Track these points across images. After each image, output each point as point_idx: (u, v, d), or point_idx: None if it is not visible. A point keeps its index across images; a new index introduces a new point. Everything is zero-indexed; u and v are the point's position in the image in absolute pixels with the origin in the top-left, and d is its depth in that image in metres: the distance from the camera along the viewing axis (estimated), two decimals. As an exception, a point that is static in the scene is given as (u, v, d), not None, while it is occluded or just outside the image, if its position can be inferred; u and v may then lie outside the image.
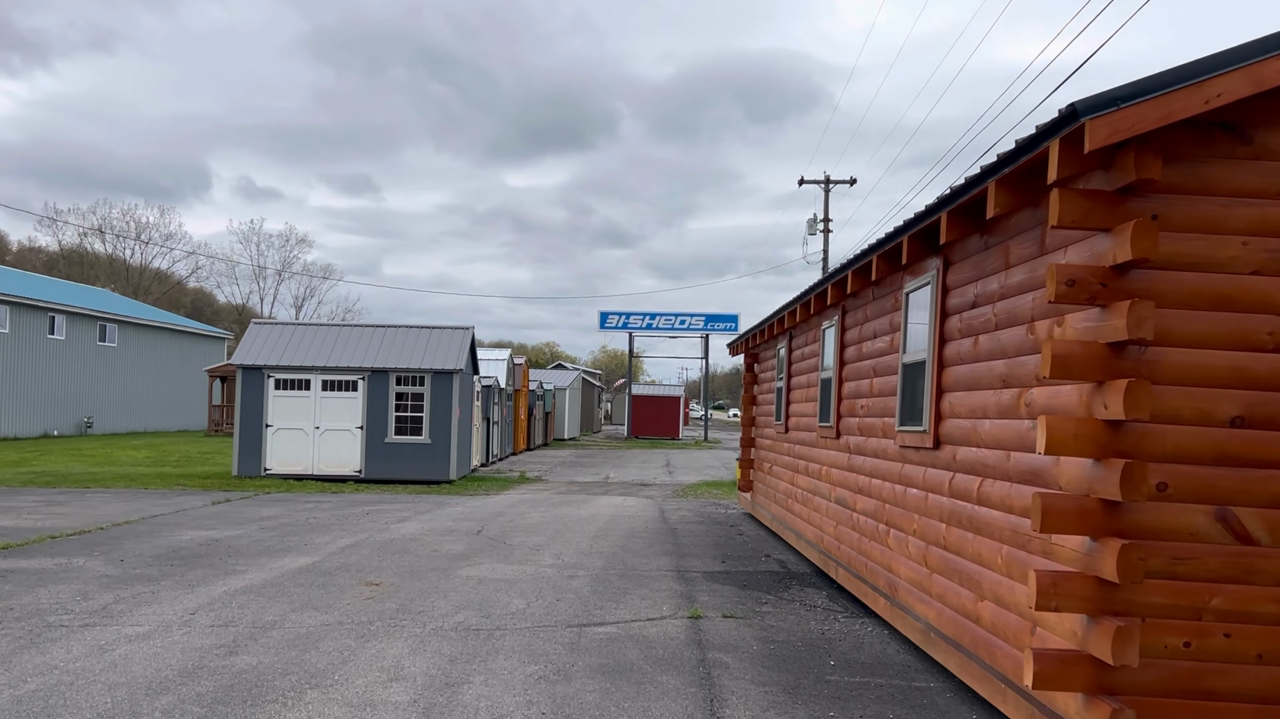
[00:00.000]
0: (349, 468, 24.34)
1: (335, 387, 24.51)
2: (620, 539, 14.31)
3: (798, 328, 13.43)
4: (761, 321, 15.26)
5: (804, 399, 12.85)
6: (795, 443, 13.28)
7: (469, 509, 18.11)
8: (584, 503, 19.86)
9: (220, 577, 10.55)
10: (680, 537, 14.82)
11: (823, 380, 11.53)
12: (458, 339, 25.73)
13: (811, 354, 12.47)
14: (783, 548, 13.76)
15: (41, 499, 18.49)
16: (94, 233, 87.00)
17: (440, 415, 24.50)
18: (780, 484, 14.28)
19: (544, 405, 43.10)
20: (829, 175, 47.45)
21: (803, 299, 11.70)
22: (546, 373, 52.03)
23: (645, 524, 16.28)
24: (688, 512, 18.52)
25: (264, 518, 16.06)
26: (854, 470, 10.04)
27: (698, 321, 49.47)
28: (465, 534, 14.51)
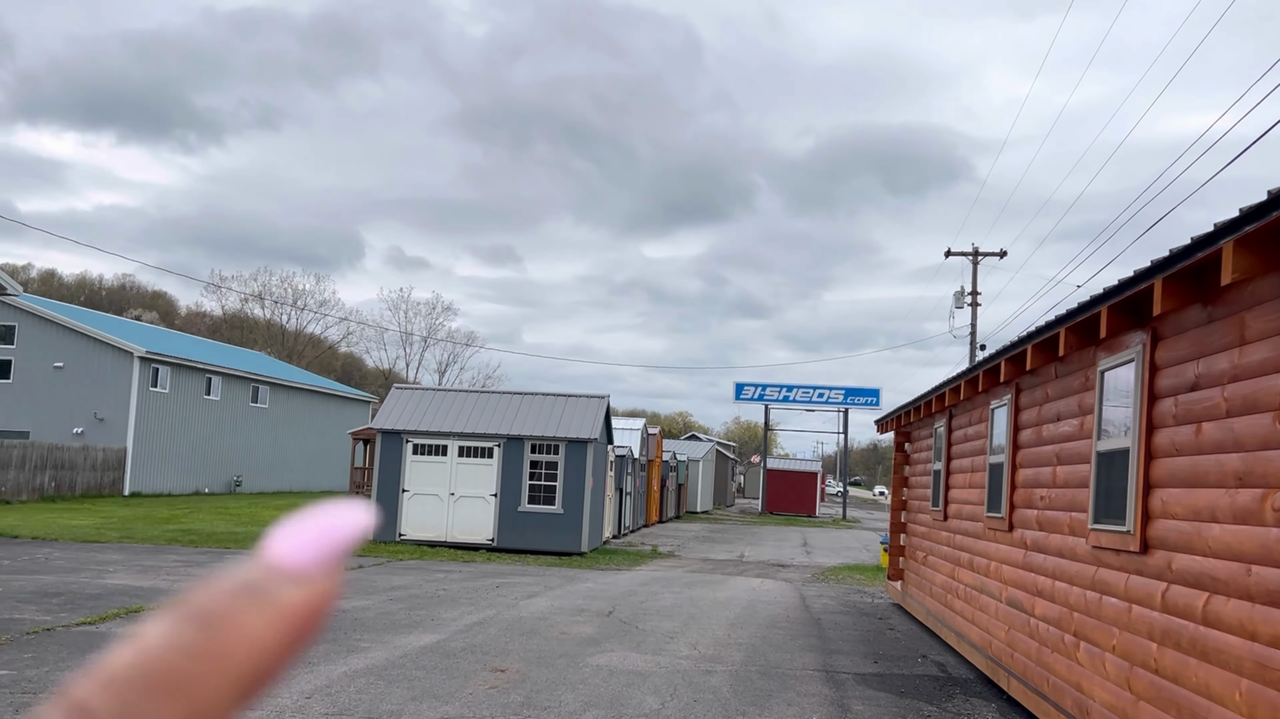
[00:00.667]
0: (481, 536, 23.95)
1: (471, 453, 24.27)
2: (760, 629, 13.29)
3: (960, 406, 12.34)
4: (916, 398, 14.18)
5: (967, 485, 11.71)
6: (956, 532, 12.11)
7: (600, 586, 17.34)
8: (719, 584, 18.86)
9: (342, 654, 10.02)
10: (825, 628, 13.70)
11: (991, 465, 10.41)
12: (593, 408, 25.25)
13: (977, 435, 11.36)
14: (940, 648, 12.51)
15: (183, 560, 18.57)
16: (254, 298, 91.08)
17: (573, 485, 23.95)
18: (937, 576, 13.07)
19: (677, 477, 42.27)
20: (977, 247, 45.78)
21: (968, 375, 10.66)
22: (680, 443, 51.27)
23: (786, 611, 15.20)
24: (831, 599, 17.32)
25: (394, 587, 15.64)
26: (1031, 569, 8.88)
27: (836, 395, 48.00)
28: (596, 615, 13.72)
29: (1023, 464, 9.38)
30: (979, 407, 11.34)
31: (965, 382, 10.88)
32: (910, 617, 15.26)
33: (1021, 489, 9.36)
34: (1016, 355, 8.90)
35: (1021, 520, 9.30)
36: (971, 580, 11.08)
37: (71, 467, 35.73)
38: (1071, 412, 8.15)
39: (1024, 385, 9.54)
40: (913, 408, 14.34)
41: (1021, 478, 9.37)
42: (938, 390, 12.42)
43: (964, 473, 11.86)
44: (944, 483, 12.86)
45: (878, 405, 48.35)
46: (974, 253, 46.19)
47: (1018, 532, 9.39)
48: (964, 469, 11.87)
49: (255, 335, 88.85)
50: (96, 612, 11.94)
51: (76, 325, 39.02)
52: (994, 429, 10.46)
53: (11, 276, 31.11)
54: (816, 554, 28.62)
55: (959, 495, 12.06)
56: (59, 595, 13.17)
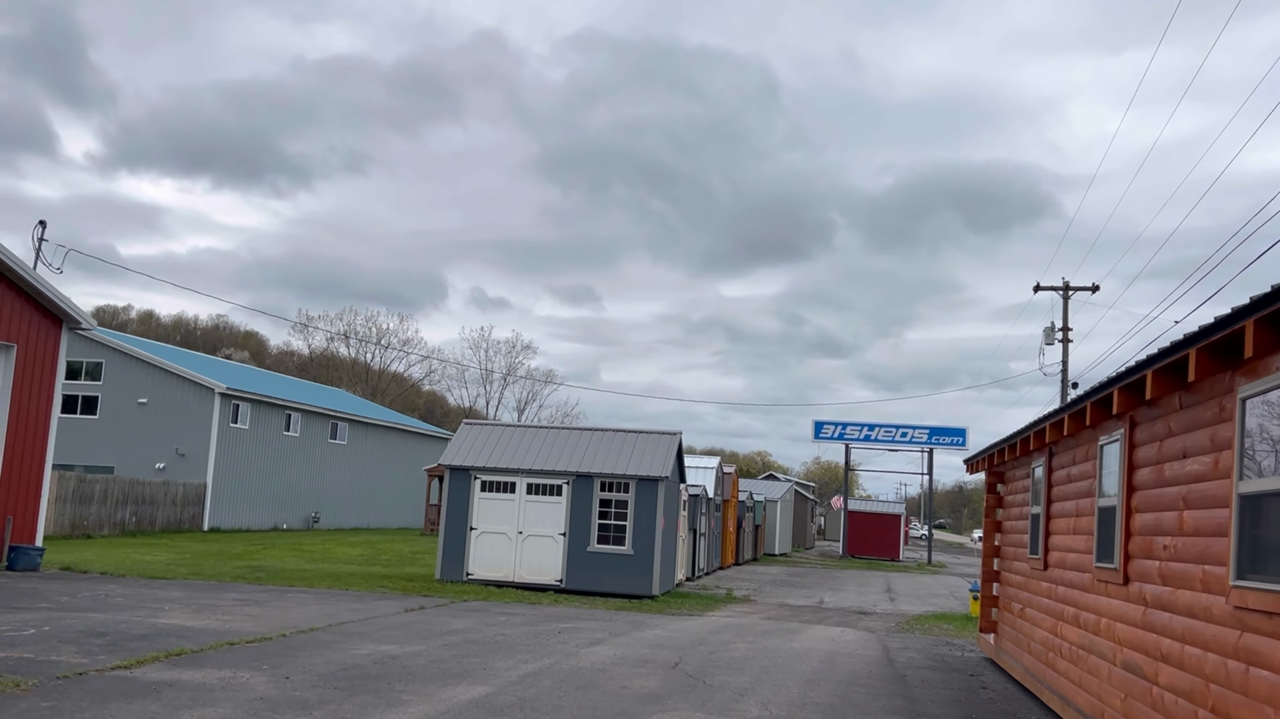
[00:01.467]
0: (550, 576, 23.08)
1: (540, 490, 23.48)
2: (839, 687, 12.11)
3: (1062, 444, 11.11)
4: (1011, 435, 12.95)
5: (1070, 530, 10.46)
6: (1058, 583, 10.84)
7: (668, 633, 16.28)
8: (796, 633, 17.65)
9: (379, 708, 9.16)
10: (911, 687, 12.46)
11: (1101, 509, 9.19)
12: (664, 445, 24.29)
13: (1082, 476, 10.13)
14: (1041, 711, 11.20)
15: (242, 598, 18.02)
16: (339, 337, 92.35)
17: (644, 524, 22.97)
18: (1037, 631, 11.77)
19: (754, 518, 40.96)
20: (1067, 281, 43.91)
21: (1073, 408, 9.47)
22: (757, 483, 49.92)
23: (868, 667, 13.97)
24: (916, 652, 16.00)
25: (451, 631, 14.80)
26: (1153, 629, 7.66)
27: (920, 435, 46.27)
28: (660, 667, 12.69)
29: (1140, 508, 8.17)
30: (1085, 443, 10.12)
31: (1069, 415, 9.69)
32: (1005, 674, 13.91)
33: (1139, 537, 8.15)
34: (1133, 384, 7.75)
35: (1139, 573, 8.08)
36: (1077, 638, 9.82)
37: (152, 502, 35.89)
38: (1203, 447, 6.96)
39: (1140, 419, 8.35)
40: (1006, 446, 13.11)
41: (1139, 524, 8.16)
42: (1036, 426, 11.21)
43: (1067, 517, 10.61)
44: (1043, 528, 11.60)
45: (964, 445, 46.50)
46: (1064, 287, 44.34)
47: (1135, 585, 8.17)
48: (1067, 513, 10.62)
49: (340, 374, 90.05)
50: (137, 654, 11.30)
51: (160, 362, 39.44)
52: (1104, 468, 9.25)
53: (109, 318, 31.25)
54: (901, 601, 27.12)
55: (1061, 543, 10.81)
56: (104, 635, 12.60)
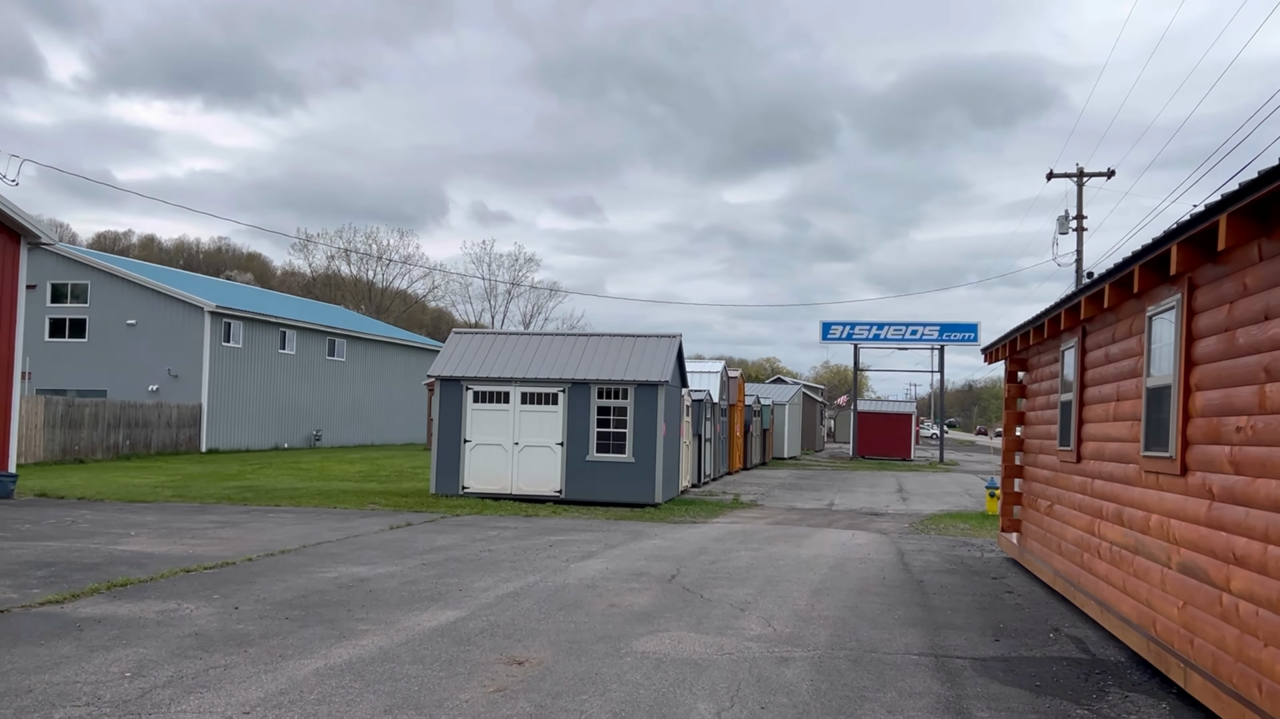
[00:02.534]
0: (548, 488, 22.04)
1: (535, 399, 22.31)
2: (850, 595, 10.99)
3: (1097, 321, 9.75)
4: (1036, 317, 11.59)
5: (1109, 417, 9.17)
6: (1094, 476, 9.59)
7: (668, 543, 15.20)
8: (804, 538, 16.57)
9: (328, 642, 8.04)
10: (929, 593, 11.34)
11: (1150, 391, 7.88)
12: (663, 348, 23.01)
13: (1124, 355, 8.80)
14: (1075, 617, 10.07)
15: (220, 520, 16.99)
16: (339, 255, 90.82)
17: (644, 431, 21.83)
18: (1068, 531, 10.57)
19: (761, 422, 39.90)
20: (1082, 168, 42.02)
21: (1115, 275, 8.10)
22: (764, 387, 48.78)
23: (881, 572, 12.86)
24: (933, 554, 14.90)
25: (434, 549, 13.72)
26: (1222, 527, 6.41)
27: (931, 332, 44.86)
28: (656, 580, 11.58)
29: (1202, 385, 6.85)
30: (1127, 317, 8.77)
31: (1110, 284, 8.31)
32: (1030, 576, 12.79)
33: (1201, 419, 6.84)
34: (1198, 235, 6.36)
35: (1203, 461, 6.80)
36: (1120, 538, 8.59)
37: (145, 424, 34.94)
38: (1293, 305, 5.61)
39: (1202, 279, 6.98)
40: (1032, 328, 11.75)
41: (1201, 403, 6.85)
42: (1068, 302, 9.84)
43: (1106, 403, 9.30)
44: (1076, 417, 10.31)
45: (975, 341, 45.13)
46: (1079, 174, 42.47)
47: (1196, 476, 6.89)
48: (1106, 398, 9.31)
49: (344, 293, 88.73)
50: (76, 587, 10.21)
51: (146, 282, 38.14)
52: (1153, 343, 7.91)
53: (110, 244, 29.68)
54: (913, 501, 26.10)
55: (1099, 431, 9.52)
56: (50, 566, 11.53)
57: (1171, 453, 7.24)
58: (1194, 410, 6.97)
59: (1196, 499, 6.85)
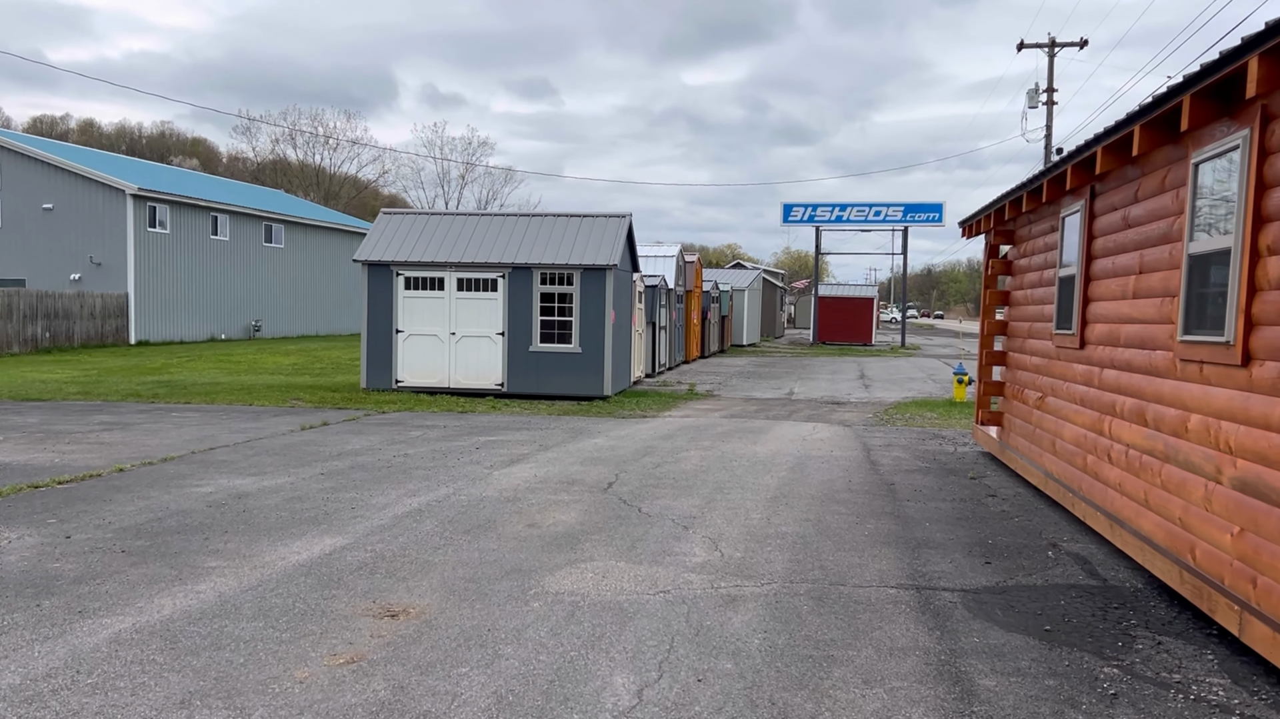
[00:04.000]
0: (489, 380, 20.31)
1: (473, 286, 20.38)
2: (812, 504, 9.43)
3: (1111, 178, 7.98)
4: (1030, 179, 9.81)
5: (1126, 294, 7.48)
6: (1105, 365, 7.96)
7: (611, 442, 13.58)
8: (761, 433, 15.02)
9: (157, 587, 6.31)
10: (902, 499, 9.81)
11: (1193, 259, 6.17)
12: (612, 229, 21.06)
13: (1151, 217, 7.06)
14: (1074, 528, 8.58)
15: (112, 421, 15.11)
16: (285, 138, 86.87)
17: (592, 319, 20.05)
18: (1066, 428, 8.99)
19: (720, 308, 38.23)
20: (1054, 37, 39.82)
21: (1147, 115, 6.30)
22: (723, 273, 46.97)
23: (847, 473, 11.33)
24: (902, 450, 13.41)
25: (342, 454, 12.00)
26: (1307, 436, 4.78)
27: (895, 213, 43.01)
28: (589, 490, 9.95)
29: (1275, 249, 5.14)
30: (1158, 170, 7.00)
31: (1141, 126, 6.51)
32: (1014, 475, 11.32)
33: (1276, 292, 5.15)
34: (1271, 50, 4.55)
35: (1270, 346, 5.13)
36: (1141, 440, 7.00)
37: (66, 315, 32.60)
38: None
39: (1279, 108, 5.20)
40: (1025, 192, 9.97)
41: (1274, 273, 5.15)
42: (1077, 156, 8.05)
43: (1124, 276, 7.60)
44: (1080, 294, 8.62)
45: (940, 222, 43.42)
46: (1050, 44, 40.33)
47: (1263, 366, 5.23)
48: (1124, 270, 7.60)
49: (292, 179, 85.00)
50: (-114, 510, 8.40)
51: (62, 163, 35.25)
52: (1200, 196, 6.17)
53: (47, 128, 26.88)
54: (876, 388, 24.69)
55: (1112, 311, 7.84)
56: (-128, 483, 9.68)
57: (1228, 337, 5.57)
58: (1265, 280, 5.27)
59: (1266, 398, 5.20)
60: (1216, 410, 5.76)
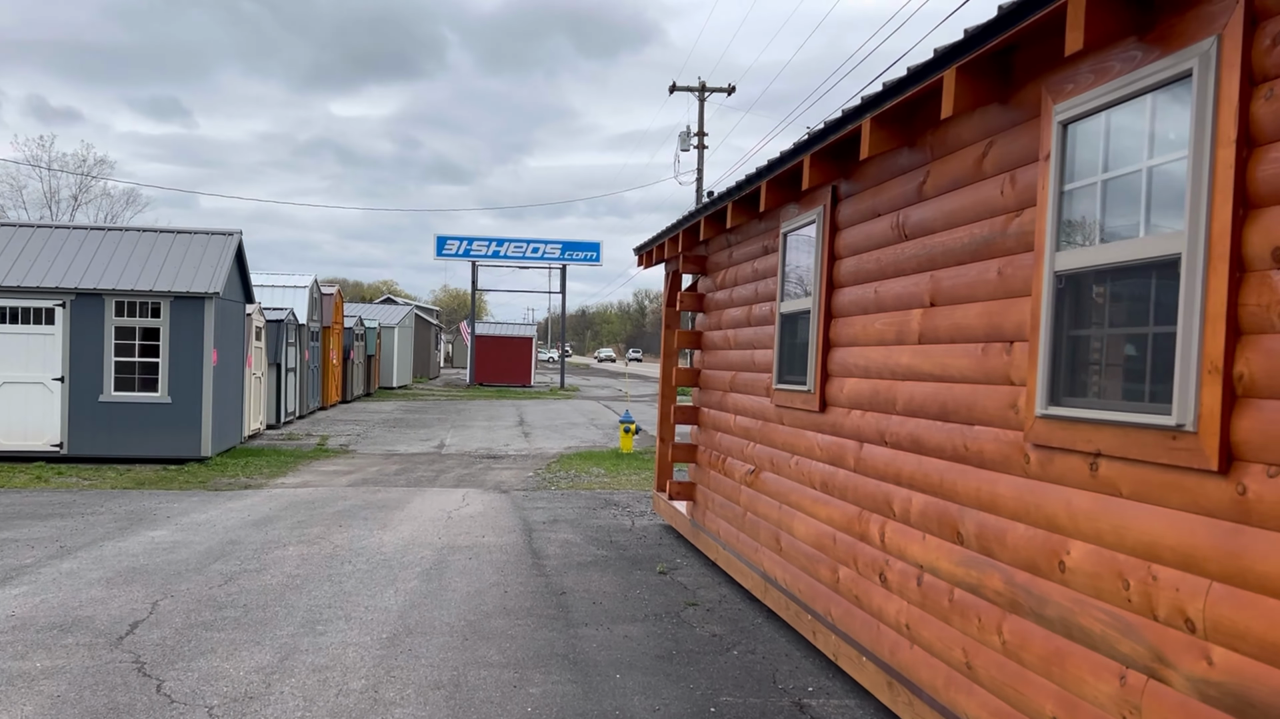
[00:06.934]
0: (42, 440, 15.31)
1: (18, 317, 15.35)
2: (450, 647, 6.19)
3: (865, 171, 5.49)
4: (729, 191, 7.28)
5: (906, 337, 4.97)
6: (869, 439, 5.41)
7: (177, 534, 9.59)
8: (396, 508, 11.59)
9: None
10: (578, 622, 6.82)
11: (1059, 275, 3.65)
12: (214, 249, 16.78)
13: (951, 219, 4.58)
14: (813, 660, 5.97)
15: None
16: None
17: (186, 361, 15.67)
18: (800, 522, 6.37)
19: (365, 347, 34.13)
20: (704, 81, 39.68)
21: (987, 39, 3.77)
22: (371, 308, 42.72)
23: (502, 576, 8.20)
24: (571, 528, 10.50)
25: None
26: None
27: (553, 250, 40.92)
28: (90, 644, 6.09)
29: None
30: (968, 144, 4.53)
31: (873, 119, 4.00)
32: (709, 563, 8.73)
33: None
34: None
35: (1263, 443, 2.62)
36: (956, 570, 4.43)
37: None
38: None
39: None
40: (730, 202, 7.41)
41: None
42: (812, 146, 5.52)
43: (898, 310, 5.09)
44: (819, 336, 6.09)
45: (598, 261, 41.91)
46: (701, 88, 40.18)
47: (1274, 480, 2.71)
48: (901, 301, 5.09)
49: None
50: None
51: None
52: (1068, 161, 3.68)
53: None
54: (537, 437, 21.91)
55: (878, 361, 5.31)
56: None
57: (1180, 418, 3.02)
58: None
59: (1287, 539, 2.67)
60: (1146, 544, 3.20)
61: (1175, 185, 3.07)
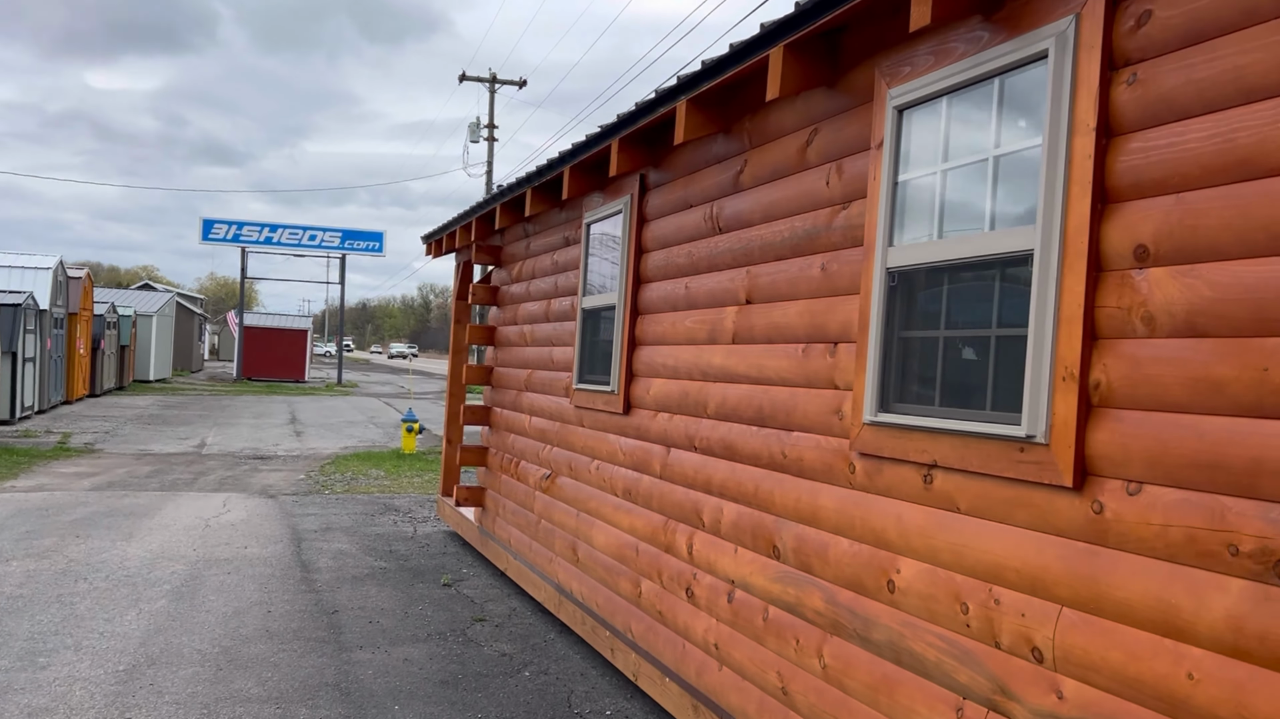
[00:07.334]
0: None
1: None
2: (201, 679, 5.39)
3: (676, 158, 5.15)
4: (529, 176, 6.80)
5: (718, 335, 4.65)
6: (678, 444, 5.07)
7: None
8: (146, 515, 10.38)
9: None
10: (352, 645, 6.14)
11: (889, 273, 3.40)
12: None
13: (770, 210, 4.28)
14: (613, 681, 5.59)
15: None
16: None
17: (-108, 349, 13.60)
18: (599, 531, 5.96)
19: (119, 336, 31.29)
20: (495, 73, 38.94)
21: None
22: (129, 294, 39.32)
23: (265, 593, 7.37)
24: (346, 537, 9.70)
25: None
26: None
27: (332, 238, 38.91)
28: None
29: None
30: (788, 133, 4.25)
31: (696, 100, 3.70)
32: (498, 573, 8.21)
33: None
34: None
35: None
36: (771, 587, 4.14)
37: None
38: None
39: None
40: (530, 188, 6.92)
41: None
42: (620, 130, 5.14)
43: (710, 308, 4.77)
44: (624, 333, 5.70)
45: (381, 252, 40.26)
46: (491, 79, 39.42)
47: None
48: (714, 298, 4.77)
49: None
50: None
51: None
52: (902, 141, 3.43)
53: None
54: (310, 435, 20.61)
55: (688, 360, 4.97)
56: None
57: (1032, 429, 2.80)
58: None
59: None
60: (988, 564, 2.97)
61: (1027, 176, 2.85)
